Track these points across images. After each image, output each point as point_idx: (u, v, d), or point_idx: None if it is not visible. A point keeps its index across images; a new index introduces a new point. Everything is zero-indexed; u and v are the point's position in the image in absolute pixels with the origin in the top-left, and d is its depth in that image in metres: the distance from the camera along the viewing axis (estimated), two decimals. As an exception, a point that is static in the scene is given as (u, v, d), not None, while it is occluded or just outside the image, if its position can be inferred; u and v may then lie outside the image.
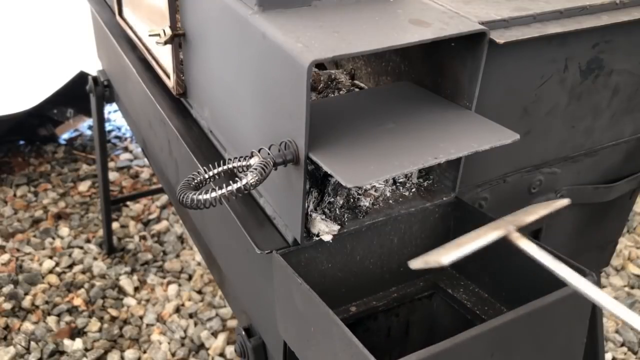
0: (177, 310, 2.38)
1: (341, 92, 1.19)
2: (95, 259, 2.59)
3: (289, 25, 0.86)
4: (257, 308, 1.16)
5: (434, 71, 1.01)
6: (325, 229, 0.93)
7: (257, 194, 1.08)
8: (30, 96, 2.89)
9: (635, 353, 2.24)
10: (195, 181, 0.86)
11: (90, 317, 2.31)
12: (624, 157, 1.37)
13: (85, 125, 3.54)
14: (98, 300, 2.38)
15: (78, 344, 2.18)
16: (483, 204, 1.20)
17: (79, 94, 2.79)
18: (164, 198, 2.97)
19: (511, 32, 0.97)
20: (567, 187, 1.31)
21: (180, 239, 2.73)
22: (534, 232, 1.33)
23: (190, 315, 2.35)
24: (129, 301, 2.40)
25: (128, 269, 2.54)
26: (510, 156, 1.16)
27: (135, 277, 2.51)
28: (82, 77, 2.86)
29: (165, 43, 1.21)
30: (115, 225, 2.76)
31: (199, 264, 2.58)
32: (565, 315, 0.86)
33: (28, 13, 3.20)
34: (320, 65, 1.31)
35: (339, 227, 0.94)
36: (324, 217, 0.94)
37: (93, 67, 2.81)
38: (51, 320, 2.28)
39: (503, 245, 0.98)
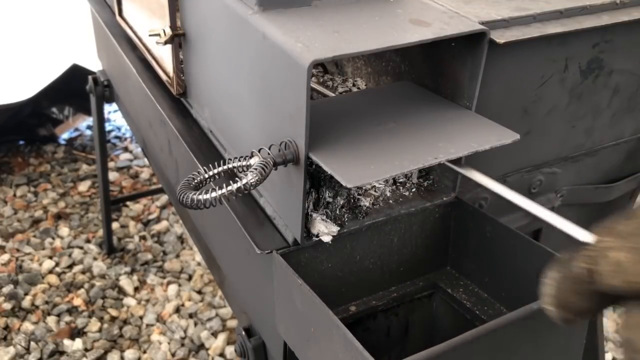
0: (177, 310, 2.38)
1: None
2: (95, 259, 2.59)
3: (289, 25, 0.86)
4: (257, 308, 1.16)
5: (434, 71, 1.01)
6: (324, 230, 0.93)
7: (257, 194, 1.08)
8: (23, 89, 2.88)
9: (635, 353, 2.23)
10: (195, 181, 0.86)
11: (90, 317, 2.31)
12: (624, 157, 1.37)
13: (85, 125, 3.53)
14: (98, 300, 2.38)
15: (78, 344, 2.18)
16: (483, 204, 1.20)
17: (76, 92, 2.79)
18: (164, 198, 2.97)
19: (511, 32, 0.97)
20: (567, 187, 1.31)
21: (180, 239, 2.73)
22: (534, 232, 1.33)
23: (190, 315, 2.35)
24: (129, 301, 2.40)
25: (128, 269, 2.54)
26: (510, 156, 1.16)
27: (135, 277, 2.51)
28: (77, 73, 2.85)
29: (165, 43, 1.21)
30: (115, 225, 2.77)
31: (199, 264, 2.58)
32: (566, 315, 0.86)
33: (20, 6, 3.20)
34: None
35: (338, 228, 0.94)
36: (324, 217, 0.94)
37: (87, 61, 2.82)
38: (51, 320, 2.28)
39: (503, 245, 0.98)
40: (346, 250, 0.99)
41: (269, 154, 0.85)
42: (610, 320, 2.33)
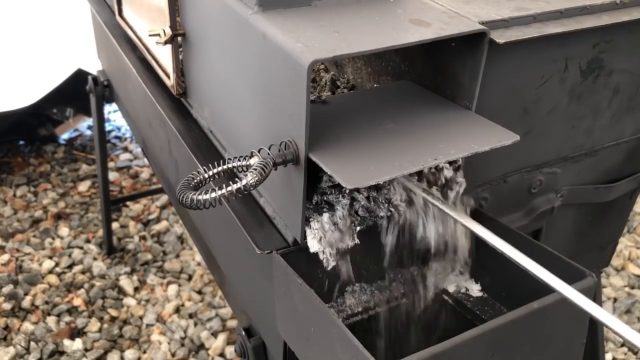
0: (177, 310, 2.38)
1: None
2: (95, 259, 2.59)
3: (289, 25, 0.86)
4: (257, 308, 1.16)
5: (434, 71, 1.01)
6: (320, 248, 0.92)
7: (257, 194, 1.08)
8: (28, 94, 2.89)
9: (635, 353, 2.23)
10: (195, 181, 0.86)
11: (90, 317, 2.31)
12: (624, 157, 1.37)
13: (85, 125, 3.54)
14: (98, 300, 2.38)
15: (78, 344, 2.18)
16: (483, 204, 1.20)
17: (78, 93, 2.79)
18: (164, 198, 2.97)
19: (511, 32, 0.97)
20: (567, 187, 1.31)
21: (180, 239, 2.73)
22: (534, 232, 1.33)
23: (190, 316, 2.35)
24: (129, 301, 2.40)
25: (128, 269, 2.54)
26: (511, 156, 1.16)
27: (135, 277, 2.51)
28: (81, 76, 2.86)
29: (165, 43, 1.21)
30: (115, 225, 2.76)
31: (199, 264, 2.58)
32: (566, 315, 0.86)
33: (26, 11, 3.20)
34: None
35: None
36: (315, 229, 0.93)
37: (91, 65, 2.82)
38: (51, 320, 2.28)
39: (503, 245, 0.98)
40: (346, 251, 0.99)
41: (268, 154, 0.85)
42: (610, 320, 2.33)
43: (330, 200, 0.93)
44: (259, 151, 0.86)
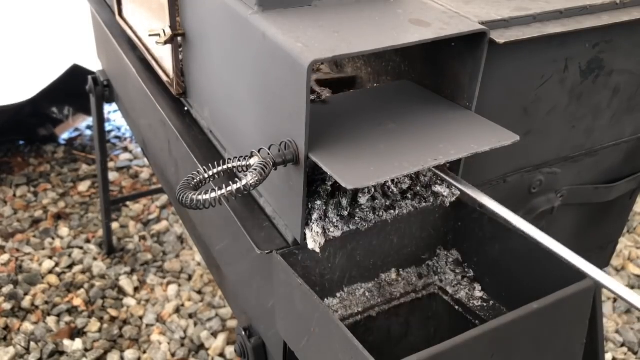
0: (177, 310, 2.38)
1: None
2: (95, 259, 2.59)
3: (289, 25, 0.86)
4: (257, 308, 1.16)
5: (434, 71, 1.01)
6: (317, 248, 0.92)
7: (257, 194, 1.08)
8: (23, 89, 2.88)
9: (635, 353, 2.23)
10: (195, 181, 0.86)
11: (90, 317, 2.31)
12: (624, 157, 1.37)
13: (85, 125, 3.53)
14: (98, 300, 2.38)
15: (78, 344, 2.18)
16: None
17: (77, 92, 2.79)
18: (164, 198, 2.97)
19: (511, 32, 0.97)
20: (567, 187, 1.31)
21: (180, 239, 2.73)
22: (534, 232, 1.33)
23: (190, 316, 2.35)
24: (129, 301, 2.40)
25: (128, 269, 2.54)
26: (511, 156, 1.16)
27: (135, 278, 2.51)
28: (79, 74, 2.85)
29: (165, 43, 1.21)
30: (115, 225, 2.76)
31: (199, 264, 2.58)
32: (566, 315, 0.86)
33: (21, 6, 3.19)
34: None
35: (323, 239, 0.93)
36: (311, 231, 0.93)
37: (87, 61, 2.82)
38: (51, 320, 2.28)
39: (503, 245, 0.98)
40: (346, 251, 0.99)
41: (268, 154, 0.85)
42: (610, 320, 2.33)
43: (328, 201, 0.94)
44: (259, 151, 0.86)
